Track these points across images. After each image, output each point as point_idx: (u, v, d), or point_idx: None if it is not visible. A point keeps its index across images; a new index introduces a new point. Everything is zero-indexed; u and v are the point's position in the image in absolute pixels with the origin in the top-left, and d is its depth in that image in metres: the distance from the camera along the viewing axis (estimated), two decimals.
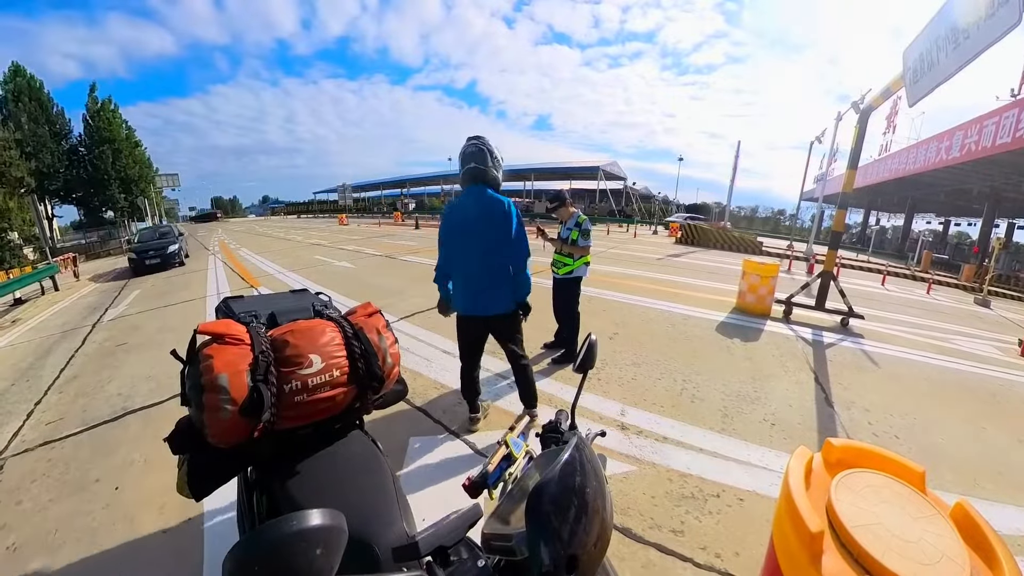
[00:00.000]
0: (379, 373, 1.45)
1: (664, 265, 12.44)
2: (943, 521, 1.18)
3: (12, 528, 2.50)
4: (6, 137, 23.62)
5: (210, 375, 1.18)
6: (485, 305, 2.90)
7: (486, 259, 2.82)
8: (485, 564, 0.81)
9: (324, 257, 13.51)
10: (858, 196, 31.02)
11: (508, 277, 2.85)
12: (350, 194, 59.32)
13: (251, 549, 0.59)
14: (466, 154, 2.77)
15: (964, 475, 3.00)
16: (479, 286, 2.87)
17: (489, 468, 1.14)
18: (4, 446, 3.40)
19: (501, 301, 2.89)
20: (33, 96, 29.49)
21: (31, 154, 27.16)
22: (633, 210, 43.48)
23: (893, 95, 6.73)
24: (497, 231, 2.77)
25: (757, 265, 6.90)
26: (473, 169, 2.75)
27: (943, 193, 26.03)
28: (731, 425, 3.44)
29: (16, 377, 4.99)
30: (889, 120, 24.11)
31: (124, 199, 34.62)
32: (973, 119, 14.96)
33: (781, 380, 4.37)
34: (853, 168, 6.98)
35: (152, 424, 3.57)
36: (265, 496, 1.35)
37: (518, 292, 2.90)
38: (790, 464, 1.37)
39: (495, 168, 2.79)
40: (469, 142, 2.78)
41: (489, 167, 2.75)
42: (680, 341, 5.43)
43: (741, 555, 2.19)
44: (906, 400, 4.12)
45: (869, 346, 5.74)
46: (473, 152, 2.74)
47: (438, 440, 3.16)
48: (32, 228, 20.98)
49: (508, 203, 2.77)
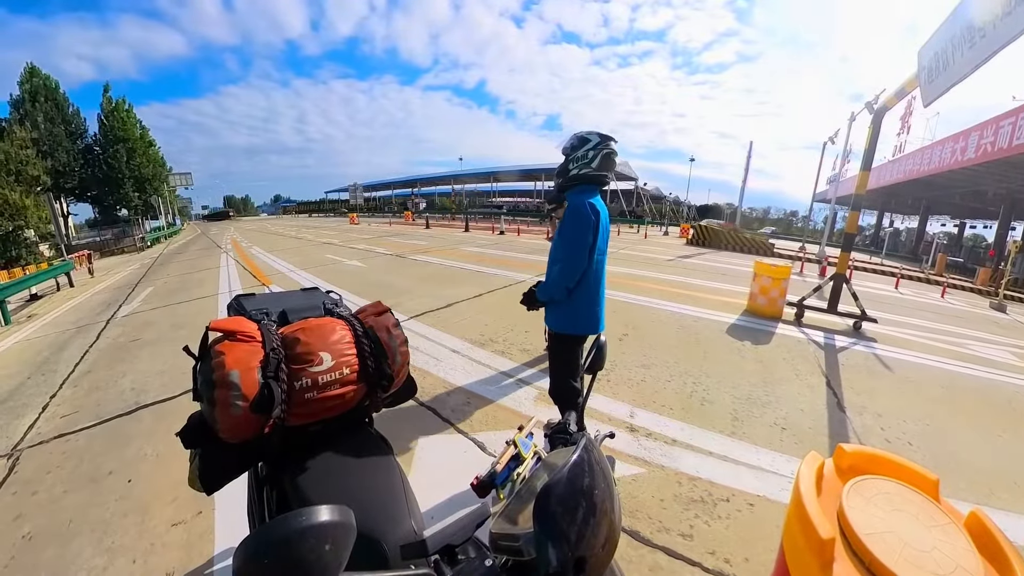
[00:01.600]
0: (388, 371, 1.46)
1: (674, 266, 12.38)
2: (957, 531, 1.16)
3: (27, 518, 2.55)
4: (23, 136, 24.12)
5: (222, 371, 1.19)
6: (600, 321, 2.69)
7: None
8: (492, 563, 0.81)
9: (335, 256, 13.60)
10: (871, 198, 30.66)
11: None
12: (361, 193, 59.66)
13: (261, 543, 0.60)
14: (609, 158, 2.48)
15: (979, 484, 2.94)
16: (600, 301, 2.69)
17: (497, 468, 1.14)
18: (20, 438, 3.47)
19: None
20: (49, 96, 30.06)
21: (47, 153, 27.72)
22: (644, 211, 43.30)
23: (908, 95, 6.62)
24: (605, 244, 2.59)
25: (768, 267, 6.84)
26: (606, 178, 2.50)
27: (958, 195, 25.63)
28: (741, 428, 3.41)
29: (32, 371, 5.08)
30: (903, 120, 23.76)
31: (138, 197, 35.18)
32: (989, 119, 14.74)
33: (792, 384, 4.32)
34: (867, 169, 6.89)
35: (165, 419, 3.62)
36: (275, 491, 1.37)
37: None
38: (801, 469, 1.36)
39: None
40: (609, 143, 2.46)
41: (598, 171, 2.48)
42: (690, 343, 5.40)
43: (751, 561, 2.17)
44: (920, 406, 4.06)
45: (882, 350, 5.66)
46: (613, 155, 2.48)
47: (447, 439, 3.17)
48: (48, 225, 21.33)
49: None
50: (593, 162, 2.44)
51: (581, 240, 2.42)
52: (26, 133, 24.90)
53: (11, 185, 21.33)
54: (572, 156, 2.49)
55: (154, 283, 11.04)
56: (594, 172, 2.45)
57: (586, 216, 2.40)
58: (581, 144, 2.47)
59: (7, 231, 20.61)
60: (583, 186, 2.52)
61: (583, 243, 2.43)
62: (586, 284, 2.54)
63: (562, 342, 2.66)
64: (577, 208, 2.42)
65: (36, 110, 28.76)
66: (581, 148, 2.46)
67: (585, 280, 2.53)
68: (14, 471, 3.03)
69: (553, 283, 2.51)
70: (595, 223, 2.43)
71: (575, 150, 2.48)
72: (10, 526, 2.49)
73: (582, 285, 2.54)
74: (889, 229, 37.96)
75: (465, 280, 9.17)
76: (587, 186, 2.52)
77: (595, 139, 2.45)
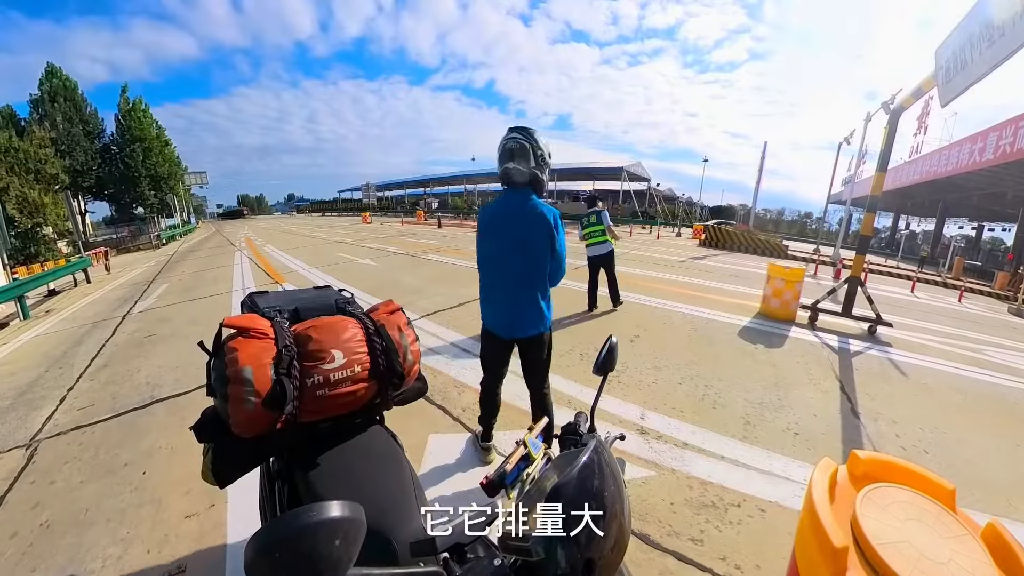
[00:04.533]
0: (399, 370, 1.46)
1: (687, 268, 12.29)
2: (974, 542, 1.14)
3: (45, 506, 2.61)
4: (42, 136, 24.64)
5: (235, 367, 1.20)
6: (528, 323, 2.54)
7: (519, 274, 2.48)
8: (501, 563, 0.81)
9: (347, 255, 13.69)
10: (887, 199, 30.18)
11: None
12: (374, 193, 60.03)
13: (273, 536, 0.60)
14: (504, 150, 2.34)
15: (996, 494, 2.88)
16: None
17: (507, 468, 1.14)
18: (38, 429, 3.55)
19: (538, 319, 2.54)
20: (67, 97, 30.62)
21: (65, 152, 28.26)
22: (656, 211, 43.04)
23: (925, 95, 6.50)
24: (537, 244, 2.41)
25: (782, 269, 6.75)
26: (510, 170, 2.34)
27: (976, 197, 25.15)
28: (753, 433, 3.37)
29: (50, 364, 5.18)
30: (920, 121, 23.40)
31: (154, 196, 35.71)
32: (1008, 119, 14.42)
33: (805, 388, 4.27)
34: (882, 171, 6.78)
35: (179, 412, 3.67)
36: (287, 486, 1.38)
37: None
38: (814, 476, 1.34)
39: (540, 167, 2.34)
40: (510, 134, 2.34)
41: (531, 168, 2.31)
42: (702, 345, 5.36)
43: (762, 568, 2.15)
44: (936, 413, 3.99)
45: (897, 355, 5.57)
46: (512, 148, 2.31)
47: (457, 438, 3.18)
48: (66, 223, 21.80)
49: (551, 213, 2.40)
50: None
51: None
52: (45, 132, 25.43)
53: (30, 183, 21.81)
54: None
55: (169, 280, 11.20)
56: (499, 169, 2.40)
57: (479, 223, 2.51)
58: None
59: (26, 228, 21.08)
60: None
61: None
62: (483, 284, 2.65)
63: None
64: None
65: (55, 110, 29.32)
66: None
67: (482, 280, 2.64)
68: (32, 461, 3.10)
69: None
70: (481, 228, 2.51)
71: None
72: (28, 514, 2.55)
73: (481, 285, 2.65)
74: (905, 232, 37.36)
75: (477, 280, 9.16)
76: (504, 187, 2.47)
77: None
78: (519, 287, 2.47)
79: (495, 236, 2.48)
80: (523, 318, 2.52)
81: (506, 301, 2.53)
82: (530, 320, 2.52)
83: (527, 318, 2.52)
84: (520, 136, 2.30)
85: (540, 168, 2.34)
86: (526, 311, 2.50)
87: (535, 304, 2.49)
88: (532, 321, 2.52)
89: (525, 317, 2.51)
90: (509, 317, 2.54)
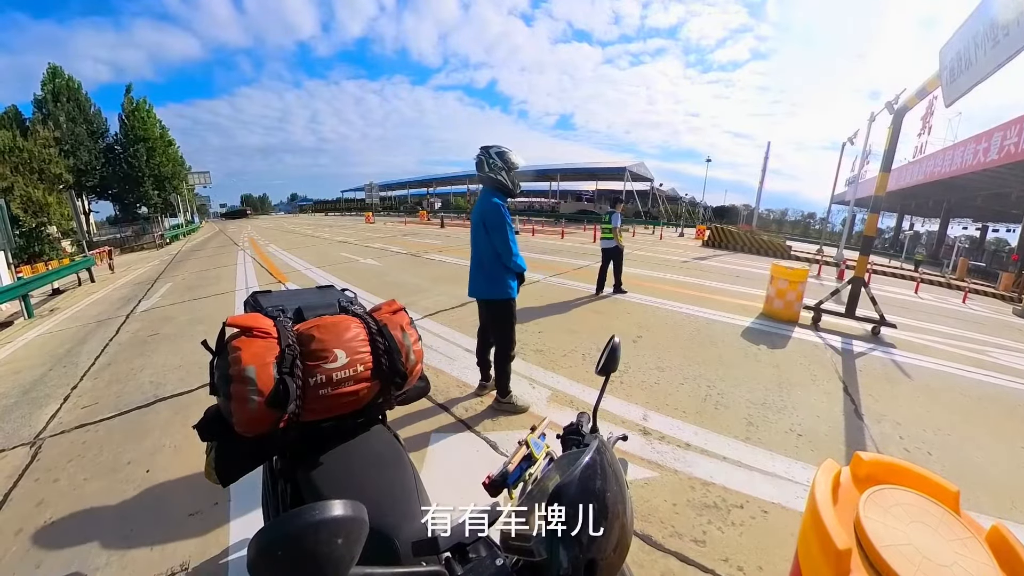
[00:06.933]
0: (402, 369, 1.47)
1: (690, 268, 12.27)
2: (978, 545, 1.13)
3: (49, 503, 2.62)
4: (46, 136, 24.74)
5: (238, 367, 1.21)
6: (474, 289, 3.47)
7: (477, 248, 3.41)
8: (503, 563, 0.81)
9: (350, 255, 13.72)
10: (891, 200, 30.07)
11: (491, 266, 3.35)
12: (377, 193, 60.15)
13: (275, 535, 0.60)
14: (475, 163, 3.36)
15: (1001, 497, 2.87)
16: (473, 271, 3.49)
17: (509, 468, 1.14)
18: (42, 427, 3.56)
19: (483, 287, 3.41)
20: (71, 97, 30.73)
21: (69, 152, 28.37)
22: (659, 212, 42.98)
23: (929, 95, 6.47)
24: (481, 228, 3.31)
25: (785, 270, 6.73)
26: (479, 176, 3.35)
27: (980, 197, 25.03)
28: (756, 434, 3.37)
29: (54, 363, 5.20)
30: (924, 121, 23.26)
31: (157, 195, 35.84)
32: (1013, 119, 14.34)
33: (808, 389, 4.26)
34: (886, 171, 6.77)
35: (182, 411, 3.68)
36: (289, 485, 1.38)
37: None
38: (817, 477, 1.34)
39: (493, 172, 3.24)
40: (478, 152, 3.32)
41: (486, 173, 3.25)
42: (705, 346, 5.35)
43: (764, 570, 2.14)
44: (940, 415, 3.97)
45: (901, 357, 5.55)
46: (477, 162, 3.33)
47: (459, 438, 3.18)
48: (70, 222, 21.89)
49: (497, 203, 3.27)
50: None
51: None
52: (49, 132, 25.52)
53: (34, 183, 21.93)
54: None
55: (173, 279, 11.24)
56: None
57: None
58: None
59: (31, 227, 21.17)
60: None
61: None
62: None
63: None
64: None
65: (58, 110, 29.42)
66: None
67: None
68: (36, 459, 3.11)
69: None
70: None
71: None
72: (32, 511, 2.56)
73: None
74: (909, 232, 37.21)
75: None
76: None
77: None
78: (476, 257, 3.44)
79: (472, 221, 3.42)
80: (477, 281, 3.43)
81: (471, 266, 3.49)
82: (482, 285, 3.40)
83: (479, 282, 3.41)
84: (481, 153, 3.29)
85: (494, 172, 3.24)
86: (476, 275, 3.43)
87: (482, 271, 3.38)
88: (482, 286, 3.40)
89: (478, 281, 3.42)
90: (471, 279, 3.48)
